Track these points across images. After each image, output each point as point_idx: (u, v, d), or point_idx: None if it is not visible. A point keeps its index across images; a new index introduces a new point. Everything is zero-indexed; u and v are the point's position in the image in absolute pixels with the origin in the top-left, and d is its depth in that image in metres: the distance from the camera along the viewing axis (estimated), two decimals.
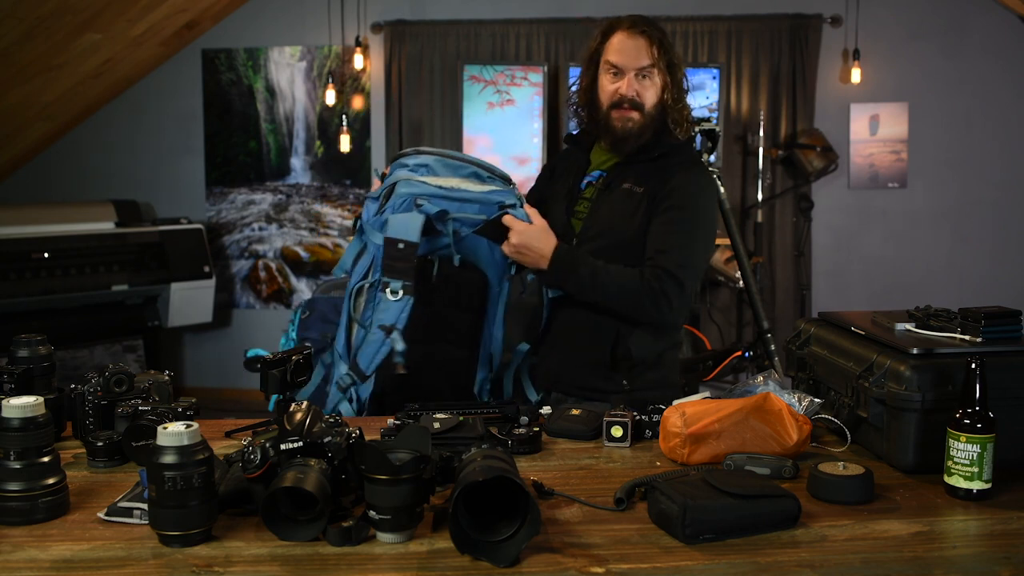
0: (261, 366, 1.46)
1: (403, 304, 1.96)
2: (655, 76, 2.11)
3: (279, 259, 5.62)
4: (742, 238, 3.97)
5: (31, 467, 1.35)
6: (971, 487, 1.41)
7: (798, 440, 1.58)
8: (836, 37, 5.22)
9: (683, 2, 5.20)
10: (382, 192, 2.07)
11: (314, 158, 5.54)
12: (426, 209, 2.00)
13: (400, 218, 1.98)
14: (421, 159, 2.08)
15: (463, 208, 2.05)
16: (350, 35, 5.33)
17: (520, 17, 5.28)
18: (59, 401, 1.72)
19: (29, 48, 4.36)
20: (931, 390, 1.49)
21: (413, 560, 1.23)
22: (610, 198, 2.14)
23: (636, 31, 2.10)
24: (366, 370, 2.01)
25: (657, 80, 2.11)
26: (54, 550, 1.25)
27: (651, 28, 2.11)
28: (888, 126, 5.28)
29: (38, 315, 4.68)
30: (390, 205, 2.02)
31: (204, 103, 5.53)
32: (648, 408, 1.77)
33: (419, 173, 2.06)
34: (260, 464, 1.30)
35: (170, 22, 5.00)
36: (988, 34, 5.17)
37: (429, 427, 1.59)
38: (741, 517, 1.29)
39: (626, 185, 2.12)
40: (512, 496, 1.24)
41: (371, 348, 2.00)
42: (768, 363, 3.84)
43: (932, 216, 5.33)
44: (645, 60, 2.09)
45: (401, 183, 2.04)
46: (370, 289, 2.03)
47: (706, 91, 4.95)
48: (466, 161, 2.11)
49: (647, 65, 2.09)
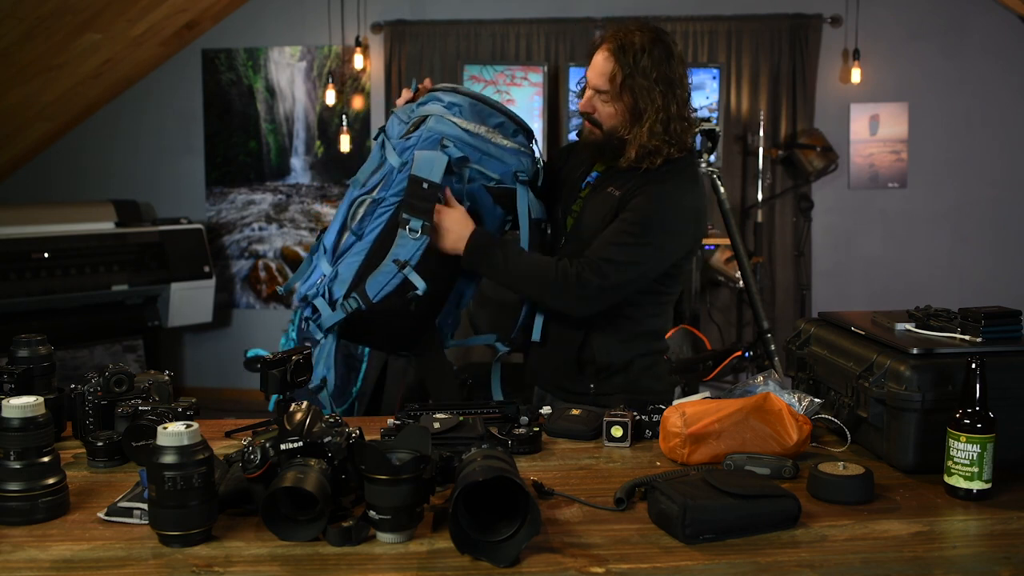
0: (261, 366, 1.46)
1: (420, 243, 2.00)
2: (610, 101, 2.04)
3: (279, 259, 5.62)
4: (742, 238, 3.96)
5: (31, 467, 1.35)
6: (971, 487, 1.41)
7: (798, 440, 1.58)
8: (836, 37, 5.22)
9: (683, 2, 5.20)
10: (412, 116, 2.09)
11: (314, 158, 5.54)
12: (450, 152, 2.02)
13: (426, 156, 2.00)
14: (455, 98, 2.10)
15: (482, 161, 2.07)
16: (350, 35, 5.33)
17: (520, 17, 5.28)
18: (59, 401, 1.72)
19: (29, 48, 4.36)
20: (931, 390, 1.49)
21: (413, 560, 1.23)
22: (594, 200, 2.15)
23: (610, 50, 2.03)
24: (373, 298, 2.02)
25: (614, 104, 2.04)
26: (54, 550, 1.25)
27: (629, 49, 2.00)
28: (888, 126, 5.28)
29: (38, 315, 4.68)
30: (418, 135, 2.04)
31: (204, 103, 5.53)
32: (648, 408, 1.77)
33: (452, 112, 2.08)
34: (260, 464, 1.30)
35: (170, 22, 5.00)
36: (988, 34, 5.17)
37: (429, 427, 1.59)
38: (741, 517, 1.29)
39: (609, 189, 2.12)
40: (512, 496, 1.24)
41: (382, 278, 2.02)
42: (768, 363, 3.84)
43: (932, 216, 5.33)
44: (602, 83, 2.04)
45: (433, 118, 2.06)
46: (370, 204, 2.07)
47: (706, 91, 4.95)
48: (497, 109, 2.12)
49: (603, 89, 2.04)
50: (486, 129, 2.08)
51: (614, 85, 2.02)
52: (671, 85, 2.02)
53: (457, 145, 2.03)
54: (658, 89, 2.00)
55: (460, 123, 2.06)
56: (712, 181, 3.75)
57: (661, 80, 2.01)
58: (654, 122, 2.00)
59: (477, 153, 2.06)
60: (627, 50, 2.00)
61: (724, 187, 3.78)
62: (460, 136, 2.04)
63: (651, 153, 2.01)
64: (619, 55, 2.01)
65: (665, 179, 2.04)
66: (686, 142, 2.06)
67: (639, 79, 2.00)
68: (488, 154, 2.07)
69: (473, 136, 2.05)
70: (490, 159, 2.07)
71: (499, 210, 2.13)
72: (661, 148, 2.01)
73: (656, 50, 2.01)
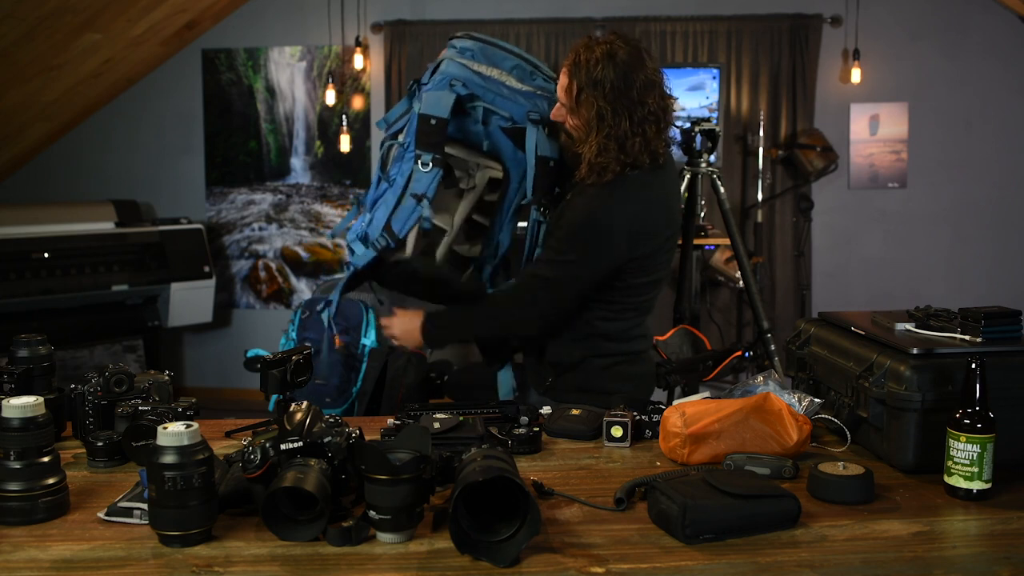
0: (261, 366, 1.46)
1: (433, 175, 2.10)
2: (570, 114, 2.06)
3: (279, 259, 5.62)
4: (742, 238, 3.96)
5: (31, 467, 1.35)
6: (971, 487, 1.41)
7: (798, 440, 1.58)
8: (836, 37, 5.22)
9: (683, 2, 5.20)
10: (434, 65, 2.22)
11: (314, 158, 5.54)
12: (457, 90, 2.12)
13: (433, 95, 2.11)
14: (468, 44, 2.19)
15: (496, 101, 2.15)
16: (350, 35, 5.33)
17: (520, 17, 5.28)
18: (59, 401, 1.72)
19: (29, 48, 4.36)
20: (931, 390, 1.49)
21: (413, 560, 1.23)
22: (557, 210, 2.21)
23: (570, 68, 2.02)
24: (399, 232, 2.14)
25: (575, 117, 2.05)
26: (54, 550, 1.25)
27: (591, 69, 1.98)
28: (888, 126, 5.28)
29: (38, 315, 4.68)
30: (432, 80, 2.16)
31: (204, 103, 5.53)
32: (648, 408, 1.77)
33: (464, 56, 2.17)
34: (260, 464, 1.30)
35: (170, 22, 5.00)
36: (988, 34, 5.17)
37: (429, 427, 1.59)
38: (741, 517, 1.29)
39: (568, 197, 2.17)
40: (512, 496, 1.24)
41: (403, 213, 2.14)
42: (768, 363, 3.83)
43: (932, 216, 5.33)
44: (561, 96, 2.06)
45: (446, 62, 2.17)
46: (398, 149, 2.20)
47: (706, 91, 4.95)
48: (511, 52, 2.19)
49: (563, 103, 2.06)
50: (499, 72, 2.15)
51: (570, 99, 2.03)
52: (625, 101, 1.98)
53: (467, 85, 2.12)
54: (608, 106, 1.97)
55: (471, 65, 2.14)
56: (712, 181, 3.74)
57: (613, 96, 1.97)
58: (605, 137, 1.99)
59: (490, 94, 2.14)
60: (580, 66, 2.00)
61: (724, 187, 3.78)
62: (470, 78, 2.13)
63: (600, 169, 2.01)
64: (573, 70, 2.01)
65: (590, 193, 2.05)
66: (643, 159, 2.01)
67: (589, 94, 1.98)
68: (500, 95, 2.14)
69: (484, 79, 2.14)
70: (503, 100, 2.15)
71: (519, 154, 2.19)
72: (609, 164, 2.00)
73: (610, 66, 1.97)
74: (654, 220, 2.08)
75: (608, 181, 2.02)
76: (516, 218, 2.28)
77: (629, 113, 1.98)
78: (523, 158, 2.18)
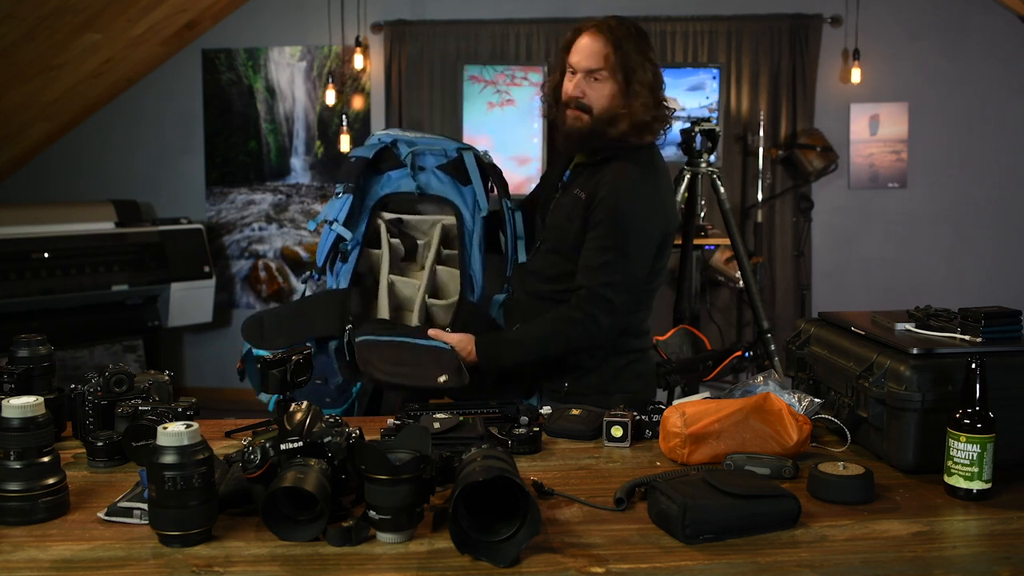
0: (261, 366, 1.46)
1: (343, 200, 2.27)
2: (605, 79, 2.07)
3: (279, 259, 5.62)
4: (742, 238, 3.96)
5: (31, 467, 1.35)
6: (971, 487, 1.41)
7: (798, 440, 1.58)
8: (836, 37, 5.22)
9: (683, 2, 5.20)
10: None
11: (314, 158, 5.54)
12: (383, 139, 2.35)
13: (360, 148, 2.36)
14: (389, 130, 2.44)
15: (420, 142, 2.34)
16: (350, 35, 5.33)
17: (520, 17, 5.28)
18: (59, 401, 1.72)
19: (29, 48, 4.36)
20: (931, 390, 1.49)
21: (413, 560, 1.23)
22: (562, 202, 2.18)
23: (597, 32, 2.07)
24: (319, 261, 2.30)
25: (608, 83, 2.07)
26: (54, 550, 1.25)
27: (616, 30, 2.07)
28: (888, 126, 5.28)
29: (38, 315, 4.68)
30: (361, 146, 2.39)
31: (204, 103, 5.53)
32: (648, 408, 1.77)
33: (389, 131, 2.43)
34: (260, 464, 1.30)
35: (170, 22, 5.00)
36: (988, 34, 5.17)
37: (429, 427, 1.59)
38: (741, 517, 1.29)
39: (576, 190, 2.14)
40: (512, 496, 1.24)
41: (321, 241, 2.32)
42: (768, 363, 3.83)
43: (932, 216, 5.33)
44: (595, 63, 2.07)
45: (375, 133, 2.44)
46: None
47: (706, 91, 4.95)
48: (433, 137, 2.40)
49: (596, 68, 2.07)
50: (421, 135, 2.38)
51: (608, 63, 2.06)
52: (650, 54, 2.11)
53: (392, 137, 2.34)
54: (642, 60, 2.08)
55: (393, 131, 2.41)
56: (712, 181, 3.75)
57: (645, 47, 2.10)
58: (647, 96, 2.07)
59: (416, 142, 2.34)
60: (613, 30, 2.08)
61: (724, 187, 3.78)
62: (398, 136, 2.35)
63: (642, 128, 2.07)
64: (608, 34, 2.08)
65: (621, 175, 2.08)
66: (669, 121, 2.13)
67: (632, 55, 2.06)
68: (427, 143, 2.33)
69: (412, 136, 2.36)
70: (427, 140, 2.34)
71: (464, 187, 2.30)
72: (652, 125, 2.09)
73: (638, 33, 2.10)
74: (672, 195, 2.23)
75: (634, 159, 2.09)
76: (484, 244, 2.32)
77: (659, 77, 2.10)
78: (469, 188, 2.29)
